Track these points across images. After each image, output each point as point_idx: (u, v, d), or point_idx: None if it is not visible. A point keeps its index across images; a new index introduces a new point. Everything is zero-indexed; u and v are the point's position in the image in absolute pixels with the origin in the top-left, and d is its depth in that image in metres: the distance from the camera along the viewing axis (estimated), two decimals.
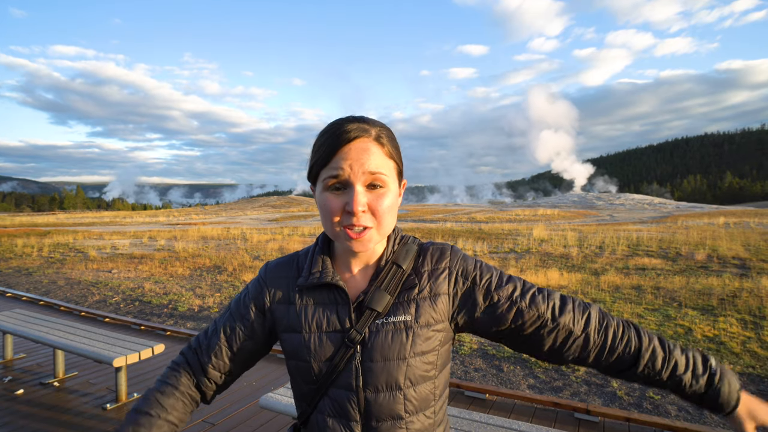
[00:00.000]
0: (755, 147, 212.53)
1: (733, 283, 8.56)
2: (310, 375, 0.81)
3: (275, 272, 0.90)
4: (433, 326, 0.81)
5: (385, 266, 0.84)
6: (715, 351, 5.04)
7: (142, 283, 9.58)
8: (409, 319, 0.80)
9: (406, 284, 0.83)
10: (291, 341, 0.83)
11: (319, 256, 0.86)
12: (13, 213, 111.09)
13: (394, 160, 0.80)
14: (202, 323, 6.45)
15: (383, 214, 0.77)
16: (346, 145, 0.75)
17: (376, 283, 0.82)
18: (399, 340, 0.79)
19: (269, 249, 15.79)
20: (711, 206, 56.92)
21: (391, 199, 0.78)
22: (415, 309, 0.81)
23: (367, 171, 0.75)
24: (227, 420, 3.17)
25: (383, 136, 0.79)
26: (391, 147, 0.80)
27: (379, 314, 0.80)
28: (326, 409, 0.80)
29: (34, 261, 13.36)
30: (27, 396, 3.57)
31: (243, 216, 56.86)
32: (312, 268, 0.85)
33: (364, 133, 0.76)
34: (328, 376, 0.80)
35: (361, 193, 0.75)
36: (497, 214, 41.52)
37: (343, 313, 0.81)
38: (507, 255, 13.64)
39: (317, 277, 0.83)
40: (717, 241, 15.05)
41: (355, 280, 0.85)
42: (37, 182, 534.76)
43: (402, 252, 0.86)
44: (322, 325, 0.81)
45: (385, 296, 0.81)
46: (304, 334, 0.82)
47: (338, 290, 0.83)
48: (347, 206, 0.75)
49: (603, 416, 3.21)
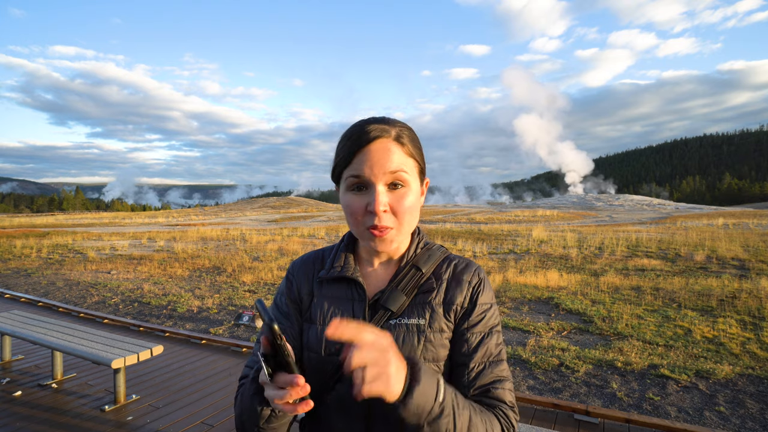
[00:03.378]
0: (754, 148, 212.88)
1: (732, 284, 8.57)
2: (320, 367, 0.81)
3: (301, 267, 0.92)
4: (445, 333, 0.81)
5: (405, 267, 0.85)
6: (715, 352, 5.04)
7: (141, 284, 9.56)
8: (423, 323, 0.81)
9: (423, 287, 0.84)
10: (308, 332, 0.85)
11: (343, 252, 0.89)
12: (12, 214, 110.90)
13: (414, 159, 0.81)
14: (201, 324, 6.43)
15: (404, 214, 0.78)
16: (366, 146, 0.76)
17: (393, 283, 0.83)
18: (410, 342, 0.79)
19: (268, 250, 15.78)
20: (710, 207, 57.01)
21: (413, 198, 0.79)
22: (430, 314, 0.81)
23: (387, 171, 0.76)
24: (226, 422, 3.16)
25: (404, 135, 0.79)
26: (412, 146, 0.80)
27: (393, 314, 0.81)
28: (332, 403, 0.81)
29: (33, 262, 13.33)
30: (25, 397, 3.56)
31: (242, 217, 56.82)
32: (335, 262, 0.87)
33: (385, 133, 0.77)
34: (336, 371, 0.80)
35: (383, 193, 0.76)
36: (496, 215, 41.53)
37: (358, 309, 0.82)
38: (506, 256, 13.64)
39: (338, 270, 0.85)
40: (716, 242, 15.07)
41: (375, 277, 0.87)
42: (36, 183, 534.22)
43: (424, 256, 0.87)
44: (336, 319, 0.82)
45: (401, 297, 0.81)
46: (318, 326, 0.83)
47: (356, 286, 0.84)
48: (369, 206, 0.76)
49: (602, 417, 3.21)
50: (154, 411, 3.34)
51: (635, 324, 6.11)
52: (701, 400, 3.91)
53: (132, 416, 3.25)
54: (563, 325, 6.17)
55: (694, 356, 4.93)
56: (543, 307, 7.30)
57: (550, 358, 4.84)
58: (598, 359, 4.80)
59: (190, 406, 3.40)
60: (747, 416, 3.62)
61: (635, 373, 4.47)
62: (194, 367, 4.26)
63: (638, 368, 4.55)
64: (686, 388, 4.13)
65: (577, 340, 5.65)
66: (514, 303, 7.56)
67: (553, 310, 7.07)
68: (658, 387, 4.15)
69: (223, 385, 3.82)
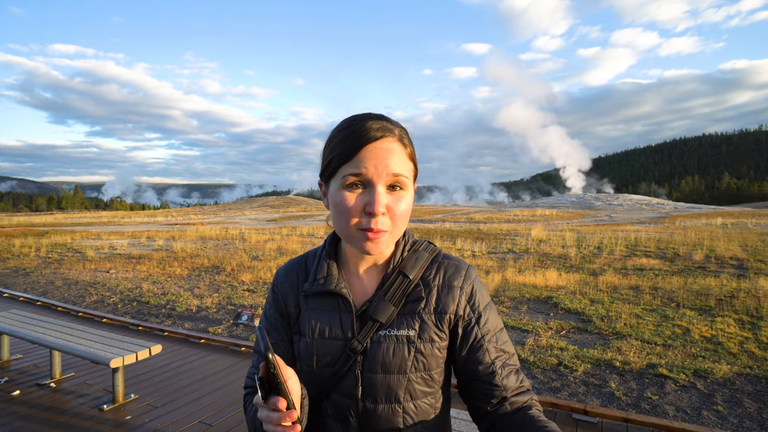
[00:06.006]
0: (753, 148, 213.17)
1: (731, 284, 8.58)
2: (313, 379, 0.81)
3: (284, 278, 0.89)
4: (436, 344, 0.80)
5: (392, 274, 0.82)
6: (713, 351, 5.05)
7: (140, 283, 9.55)
8: (413, 334, 0.79)
9: (411, 296, 0.81)
10: (298, 344, 0.84)
11: (325, 261, 0.85)
12: (11, 213, 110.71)
13: (413, 163, 0.79)
14: (200, 324, 6.43)
15: (400, 217, 0.76)
16: (371, 144, 0.73)
17: (380, 293, 0.80)
18: (401, 354, 0.78)
19: (268, 249, 15.77)
20: (709, 207, 57.05)
21: (410, 201, 0.78)
22: (420, 324, 0.79)
23: (390, 173, 0.73)
24: (225, 421, 3.16)
25: (405, 137, 0.78)
26: (412, 149, 0.79)
27: (382, 325, 0.79)
28: (327, 411, 0.81)
29: (32, 261, 13.31)
30: (23, 397, 3.55)
31: (241, 216, 56.77)
32: (318, 273, 0.84)
33: (389, 132, 0.75)
34: (329, 382, 0.80)
35: (383, 194, 0.73)
36: (496, 215, 41.54)
37: (345, 321, 0.80)
38: (505, 255, 13.65)
39: (321, 284, 0.82)
40: (715, 242, 15.09)
41: (361, 285, 0.84)
42: (35, 182, 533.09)
43: (411, 260, 0.84)
44: (324, 332, 0.81)
45: (389, 307, 0.79)
46: (308, 339, 0.82)
47: (342, 298, 0.82)
48: (368, 207, 0.73)
49: (601, 417, 3.21)
50: (152, 410, 3.34)
51: (634, 323, 6.12)
52: (699, 400, 3.91)
53: (130, 415, 3.25)
54: (562, 325, 6.18)
55: (692, 356, 4.93)
56: (542, 306, 7.31)
57: (549, 358, 4.85)
58: (596, 359, 4.80)
59: (188, 406, 3.40)
60: (745, 415, 3.63)
61: (633, 372, 4.48)
62: (193, 366, 4.26)
63: (636, 368, 4.56)
64: (684, 388, 4.14)
65: (576, 339, 5.65)
66: (512, 302, 7.57)
67: (552, 309, 7.08)
68: (656, 386, 4.16)
69: (222, 384, 3.82)
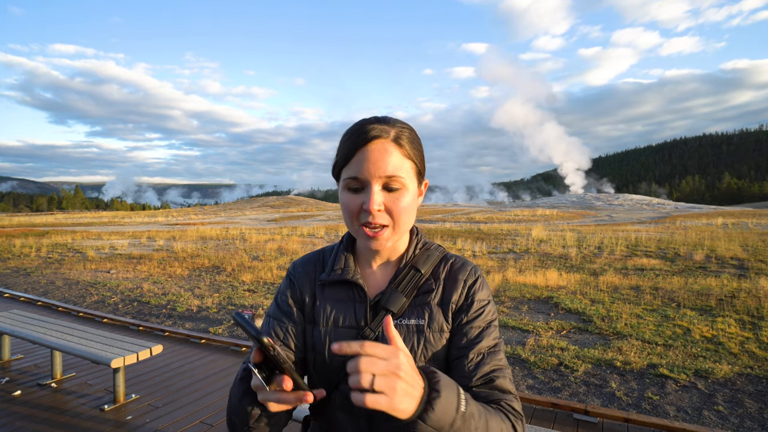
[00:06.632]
0: (753, 148, 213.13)
1: (732, 284, 8.58)
2: (325, 368, 0.83)
3: (302, 267, 0.93)
4: (444, 333, 0.83)
5: (404, 268, 0.86)
6: (714, 351, 5.05)
7: (140, 283, 9.56)
8: (423, 323, 0.82)
9: (422, 288, 0.85)
10: (311, 334, 0.86)
11: (342, 253, 0.90)
12: (12, 213, 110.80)
13: (412, 161, 0.80)
14: (201, 324, 6.43)
15: (400, 214, 0.78)
16: (364, 146, 0.76)
17: (393, 284, 0.84)
18: (410, 343, 0.81)
19: (268, 249, 15.78)
20: (709, 207, 57.02)
21: (409, 199, 0.79)
22: (429, 314, 0.83)
23: (384, 174, 0.76)
24: (225, 421, 3.16)
25: (403, 136, 0.79)
26: (410, 147, 0.80)
27: (394, 315, 0.82)
28: (336, 403, 0.83)
29: (32, 261, 13.32)
30: (24, 397, 3.56)
31: (242, 216, 56.78)
32: (335, 264, 0.88)
33: (383, 133, 0.77)
34: (340, 371, 0.81)
35: (378, 193, 0.77)
36: (496, 215, 41.53)
37: (359, 310, 0.84)
38: (506, 255, 13.64)
39: (338, 273, 0.86)
40: (715, 242, 15.08)
41: (375, 278, 0.88)
42: (36, 182, 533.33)
43: (423, 256, 0.88)
44: (338, 321, 0.84)
45: (401, 298, 0.83)
46: (322, 327, 0.85)
47: (357, 288, 0.86)
48: (364, 205, 0.77)
49: (602, 417, 3.21)
50: (153, 410, 3.34)
51: (634, 323, 6.11)
52: (700, 400, 3.91)
53: (131, 416, 3.25)
54: (562, 325, 6.18)
55: (693, 356, 4.93)
56: (542, 306, 7.31)
57: (550, 358, 4.85)
58: (597, 359, 4.80)
59: (189, 406, 3.41)
60: (745, 415, 3.63)
61: (634, 372, 4.48)
62: (193, 366, 4.26)
63: (637, 368, 4.55)
64: (685, 388, 4.14)
65: (577, 339, 5.65)
66: (513, 302, 7.57)
67: (553, 309, 7.08)
68: (657, 386, 4.16)
69: (223, 384, 3.82)
